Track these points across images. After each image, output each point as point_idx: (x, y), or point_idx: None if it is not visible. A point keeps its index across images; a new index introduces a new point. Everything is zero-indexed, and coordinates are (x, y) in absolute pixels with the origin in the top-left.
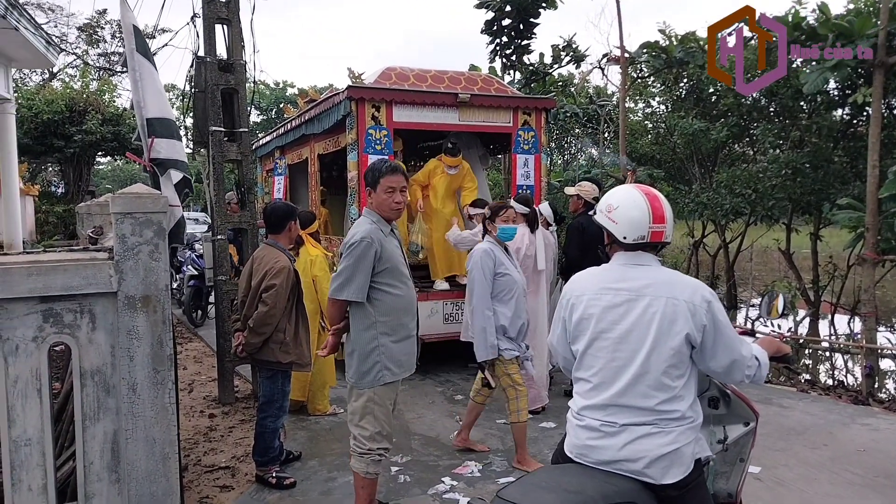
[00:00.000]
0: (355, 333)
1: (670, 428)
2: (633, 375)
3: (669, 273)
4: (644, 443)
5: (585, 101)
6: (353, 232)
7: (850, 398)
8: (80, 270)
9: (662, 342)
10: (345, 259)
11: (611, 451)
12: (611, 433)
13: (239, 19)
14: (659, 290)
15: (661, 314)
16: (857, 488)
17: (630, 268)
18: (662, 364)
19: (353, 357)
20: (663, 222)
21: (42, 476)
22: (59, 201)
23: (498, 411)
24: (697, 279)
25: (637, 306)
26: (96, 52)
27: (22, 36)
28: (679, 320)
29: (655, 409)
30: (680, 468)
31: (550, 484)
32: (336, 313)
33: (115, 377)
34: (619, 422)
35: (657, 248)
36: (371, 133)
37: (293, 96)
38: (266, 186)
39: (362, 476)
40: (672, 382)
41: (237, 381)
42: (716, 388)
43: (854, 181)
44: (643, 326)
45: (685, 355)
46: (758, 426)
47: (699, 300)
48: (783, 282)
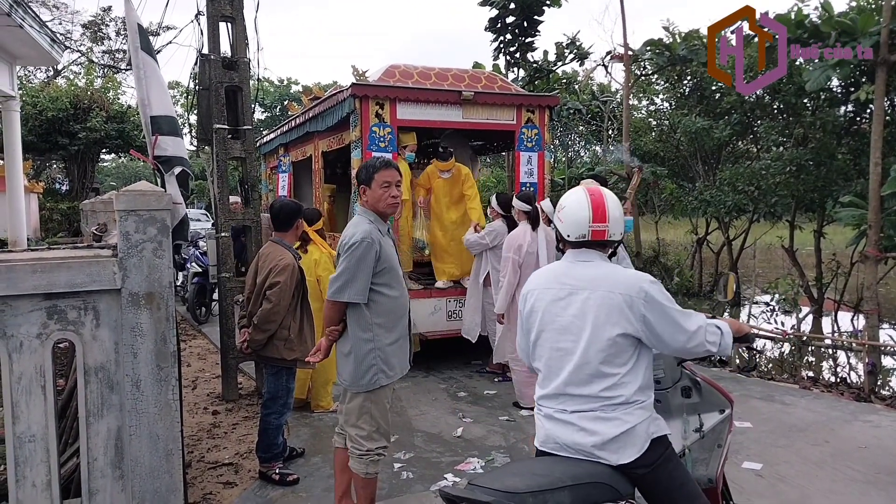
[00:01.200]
0: (353, 336)
1: (617, 413)
2: (575, 365)
3: (611, 268)
4: (593, 427)
5: (589, 98)
6: (350, 232)
7: (852, 395)
8: (84, 267)
9: (599, 333)
10: (345, 260)
11: (566, 438)
12: (563, 421)
13: (243, 17)
14: (598, 284)
15: (598, 306)
16: (859, 485)
17: (575, 264)
18: (601, 354)
19: (349, 360)
20: (605, 221)
21: (46, 472)
22: (63, 198)
23: (501, 408)
24: (643, 272)
25: (576, 300)
26: (101, 50)
27: (27, 33)
28: (614, 313)
29: (599, 396)
30: (633, 448)
31: (521, 470)
32: (336, 315)
33: (119, 374)
34: (569, 409)
35: (604, 245)
36: (375, 130)
37: (297, 94)
38: (270, 184)
39: (362, 476)
40: (613, 370)
41: (241, 378)
42: (687, 378)
43: (857, 178)
44: (581, 318)
45: (626, 345)
46: (755, 422)
47: (635, 292)
48: (786, 279)
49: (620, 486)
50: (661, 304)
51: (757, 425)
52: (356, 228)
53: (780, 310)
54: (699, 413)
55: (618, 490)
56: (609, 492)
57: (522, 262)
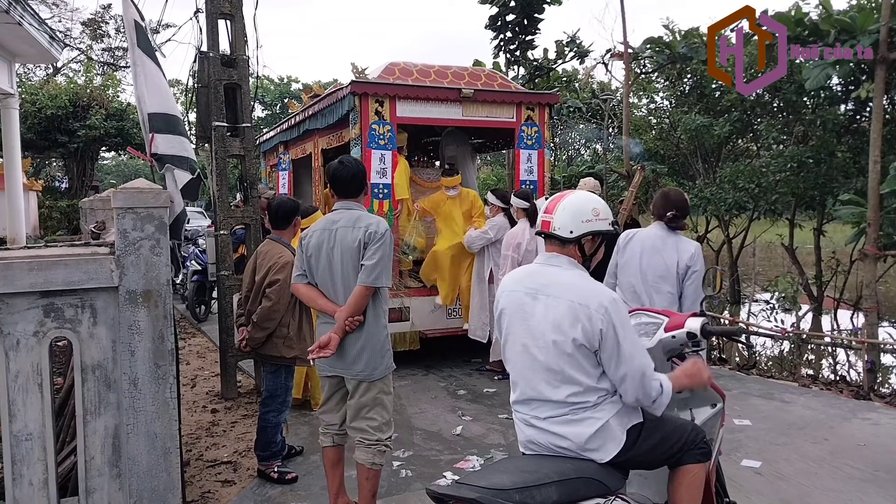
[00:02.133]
0: (368, 325)
1: (586, 413)
2: (543, 369)
3: (575, 276)
4: (566, 431)
5: (589, 96)
6: (375, 221)
7: (851, 393)
8: (81, 265)
9: (560, 341)
10: (380, 248)
11: (544, 441)
12: (538, 427)
13: (242, 14)
14: (560, 291)
15: (558, 314)
16: (858, 482)
17: (544, 267)
18: (562, 361)
19: (365, 351)
20: (551, 212)
21: (43, 471)
22: (62, 196)
23: (501, 406)
24: (608, 290)
25: (539, 304)
26: (100, 48)
27: (26, 31)
28: (571, 321)
29: (566, 402)
30: (613, 443)
31: (508, 468)
32: (365, 303)
33: (117, 372)
34: (541, 416)
35: (561, 241)
36: (374, 128)
37: (297, 92)
38: (270, 182)
39: (367, 467)
40: (580, 377)
41: (240, 376)
42: None
43: (857, 176)
44: (544, 324)
45: (586, 355)
46: (755, 420)
47: (595, 305)
48: (786, 277)
49: (609, 480)
50: (618, 327)
51: (756, 423)
52: (378, 219)
53: (780, 308)
54: (690, 408)
55: (606, 485)
56: (597, 487)
57: (521, 260)
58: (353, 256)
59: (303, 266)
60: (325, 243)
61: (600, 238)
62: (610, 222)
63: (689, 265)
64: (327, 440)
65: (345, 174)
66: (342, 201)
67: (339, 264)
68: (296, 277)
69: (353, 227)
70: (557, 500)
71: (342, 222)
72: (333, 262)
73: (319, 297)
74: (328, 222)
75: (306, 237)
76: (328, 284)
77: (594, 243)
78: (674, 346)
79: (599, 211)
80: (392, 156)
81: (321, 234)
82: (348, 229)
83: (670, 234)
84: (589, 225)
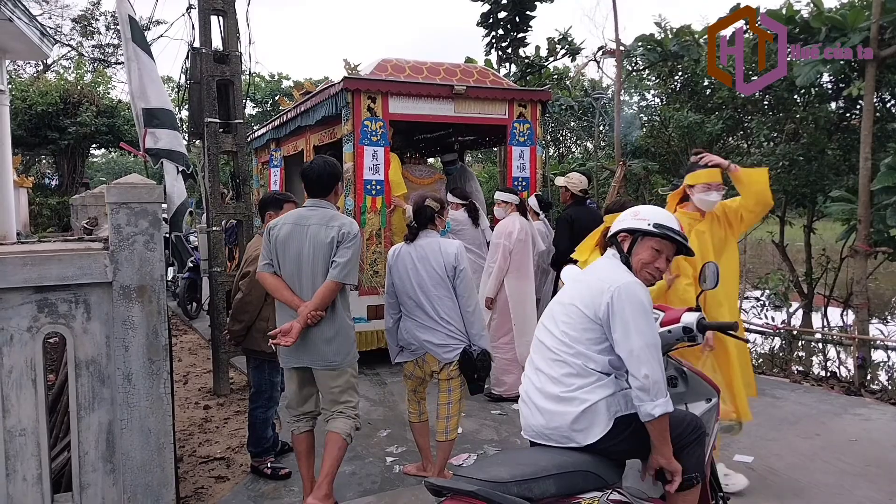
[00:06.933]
0: (340, 317)
1: (576, 393)
2: (550, 342)
3: (609, 264)
4: (557, 409)
5: (581, 93)
6: (348, 222)
7: (842, 389)
8: (75, 260)
9: (577, 313)
10: (351, 247)
11: (534, 422)
12: (529, 402)
13: (234, 10)
14: (592, 274)
15: (581, 293)
16: (849, 477)
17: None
18: (579, 332)
19: (336, 341)
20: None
21: (37, 466)
22: (53, 193)
23: (493, 402)
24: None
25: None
26: (91, 44)
27: (16, 27)
28: (594, 297)
29: (560, 380)
30: (598, 427)
31: (506, 460)
32: (332, 298)
33: (110, 367)
34: (535, 384)
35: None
36: (367, 125)
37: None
38: (261, 178)
39: (343, 437)
40: (578, 358)
41: (232, 372)
42: (673, 367)
43: (847, 173)
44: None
45: (597, 329)
46: (718, 400)
47: (608, 284)
48: (777, 274)
49: (606, 474)
50: (623, 307)
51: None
52: (351, 220)
53: (771, 305)
54: (685, 402)
55: (603, 478)
56: (595, 480)
57: (513, 249)
58: (325, 253)
59: (269, 256)
60: (296, 238)
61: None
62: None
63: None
64: (305, 426)
65: (311, 174)
66: (312, 199)
67: (308, 260)
68: (262, 266)
69: (326, 225)
70: (555, 492)
71: (315, 220)
72: (303, 256)
73: (284, 289)
74: (300, 217)
75: (275, 227)
76: (294, 278)
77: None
78: (670, 340)
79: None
80: (385, 152)
81: (292, 228)
82: (322, 227)
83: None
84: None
